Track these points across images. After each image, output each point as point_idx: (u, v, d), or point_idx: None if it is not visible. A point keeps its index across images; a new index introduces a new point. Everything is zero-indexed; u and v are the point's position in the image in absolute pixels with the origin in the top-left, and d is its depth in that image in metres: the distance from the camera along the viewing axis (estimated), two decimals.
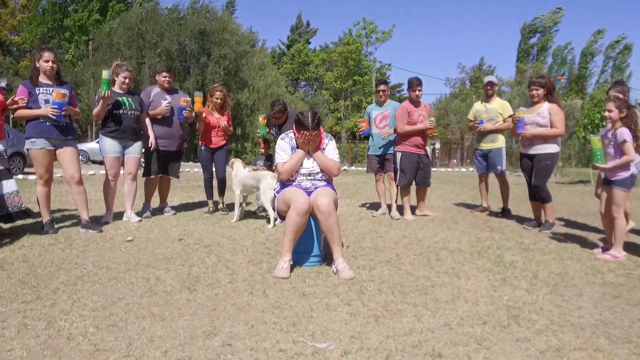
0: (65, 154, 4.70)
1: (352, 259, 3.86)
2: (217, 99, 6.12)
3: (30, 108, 4.53)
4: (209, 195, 6.28)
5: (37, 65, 4.59)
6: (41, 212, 4.75)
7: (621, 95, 4.66)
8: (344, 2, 73.49)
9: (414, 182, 6.20)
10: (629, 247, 4.37)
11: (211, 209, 6.17)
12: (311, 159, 3.66)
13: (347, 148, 30.76)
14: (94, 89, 22.76)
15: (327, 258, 3.67)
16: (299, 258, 3.59)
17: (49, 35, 30.34)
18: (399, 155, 6.08)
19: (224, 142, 6.23)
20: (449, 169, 22.86)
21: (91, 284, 3.08)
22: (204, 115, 6.00)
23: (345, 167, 20.19)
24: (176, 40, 21.68)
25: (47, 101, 4.55)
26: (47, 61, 4.58)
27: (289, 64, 38.14)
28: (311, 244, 3.63)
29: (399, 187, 6.15)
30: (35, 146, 4.55)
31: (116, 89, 5.32)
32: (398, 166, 6.09)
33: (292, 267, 3.43)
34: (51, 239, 4.37)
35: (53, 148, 4.64)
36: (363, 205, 7.42)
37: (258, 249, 4.19)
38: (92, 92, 22.22)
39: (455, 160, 29.22)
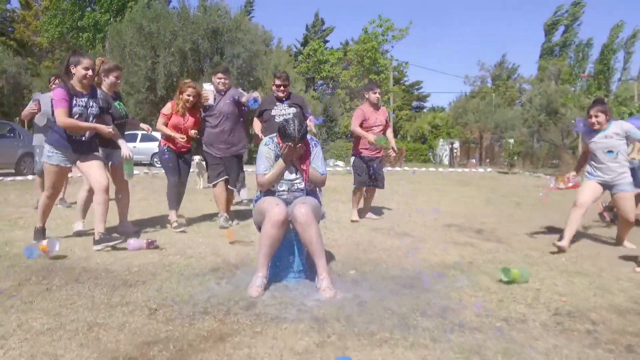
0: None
1: (340, 276, 3.56)
2: (189, 95, 5.04)
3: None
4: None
5: (73, 71, 4.06)
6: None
7: None
8: None
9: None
10: None
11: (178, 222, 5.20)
12: (293, 169, 3.38)
13: None
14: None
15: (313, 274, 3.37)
16: (280, 274, 3.34)
17: (69, 35, 30.70)
18: (352, 159, 6.17)
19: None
20: (466, 169, 22.28)
21: (49, 301, 2.87)
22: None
23: None
24: (190, 39, 21.57)
25: (81, 115, 4.12)
26: (86, 68, 4.05)
27: (305, 63, 37.79)
28: (292, 259, 3.37)
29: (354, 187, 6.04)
30: None
31: (105, 90, 4.71)
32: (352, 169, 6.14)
33: (267, 285, 3.17)
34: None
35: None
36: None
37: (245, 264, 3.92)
38: None
39: (473, 160, 28.52)
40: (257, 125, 5.65)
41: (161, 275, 3.44)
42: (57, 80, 5.46)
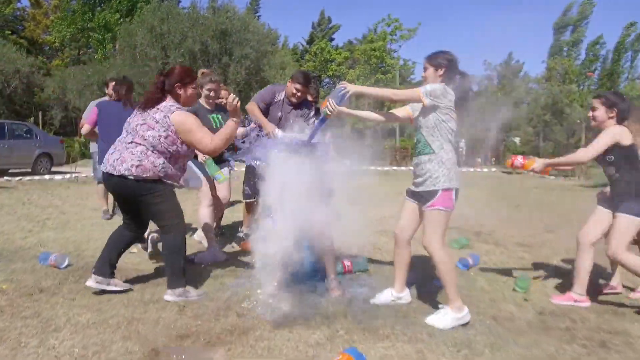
0: None
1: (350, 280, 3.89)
2: (209, 91, 4.49)
3: None
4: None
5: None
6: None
7: None
8: None
9: None
10: None
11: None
12: None
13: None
14: None
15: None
16: (294, 275, 3.69)
17: (78, 35, 31.18)
18: None
19: None
20: (471, 169, 22.54)
21: (88, 298, 3.23)
22: None
23: None
24: (199, 40, 22.01)
25: None
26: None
27: (312, 62, 38.19)
28: (305, 263, 3.72)
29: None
30: None
31: (202, 103, 4.50)
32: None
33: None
34: (62, 248, 4.57)
35: None
36: (370, 211, 7.42)
37: None
38: None
39: (479, 160, 28.72)
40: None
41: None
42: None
